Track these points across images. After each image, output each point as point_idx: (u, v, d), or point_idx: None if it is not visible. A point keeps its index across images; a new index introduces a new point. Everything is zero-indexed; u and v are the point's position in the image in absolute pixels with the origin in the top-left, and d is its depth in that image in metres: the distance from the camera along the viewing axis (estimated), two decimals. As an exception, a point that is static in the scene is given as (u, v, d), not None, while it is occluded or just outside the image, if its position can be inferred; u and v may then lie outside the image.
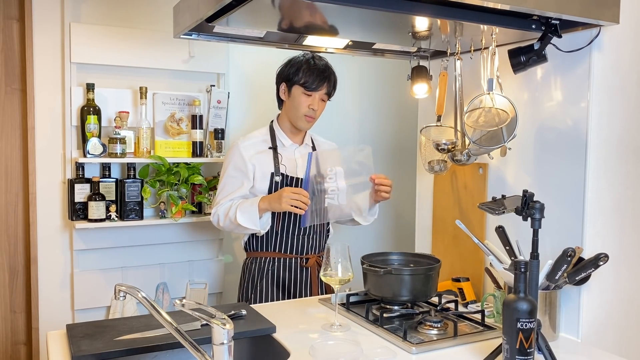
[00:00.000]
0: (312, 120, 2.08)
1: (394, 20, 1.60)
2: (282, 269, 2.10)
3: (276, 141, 2.13)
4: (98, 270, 2.59)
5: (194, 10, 1.59)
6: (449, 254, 2.09)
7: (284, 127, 2.15)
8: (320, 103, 2.07)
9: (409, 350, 1.45)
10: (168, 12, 2.07)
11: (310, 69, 2.03)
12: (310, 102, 2.04)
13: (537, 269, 1.39)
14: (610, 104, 1.61)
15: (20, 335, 2.56)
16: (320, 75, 2.03)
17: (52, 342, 1.46)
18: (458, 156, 1.86)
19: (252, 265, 2.14)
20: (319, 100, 2.05)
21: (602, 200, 1.62)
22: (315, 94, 2.04)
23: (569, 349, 1.53)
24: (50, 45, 2.48)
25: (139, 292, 1.20)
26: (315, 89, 2.03)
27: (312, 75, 2.02)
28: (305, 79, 2.02)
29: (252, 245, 2.14)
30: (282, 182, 2.06)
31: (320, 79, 2.03)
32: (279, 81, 2.13)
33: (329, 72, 2.07)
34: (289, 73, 2.07)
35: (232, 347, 1.14)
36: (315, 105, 2.05)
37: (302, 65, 2.04)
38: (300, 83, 2.03)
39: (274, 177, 2.06)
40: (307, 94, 2.04)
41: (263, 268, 2.11)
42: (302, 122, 2.08)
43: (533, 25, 1.56)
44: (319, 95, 2.05)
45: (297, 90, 2.05)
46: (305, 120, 2.07)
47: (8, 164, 2.52)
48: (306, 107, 2.04)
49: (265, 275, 2.10)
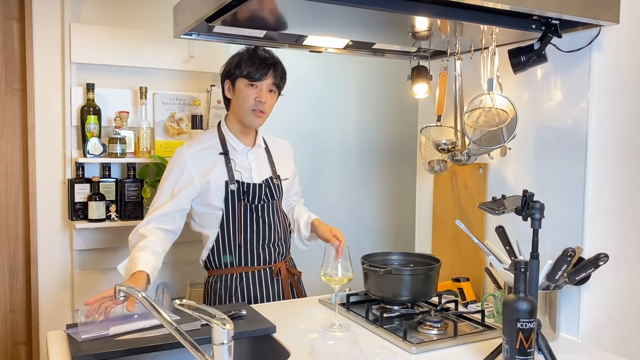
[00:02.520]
0: (261, 115, 1.89)
1: (394, 20, 1.60)
2: (252, 283, 1.95)
3: (227, 146, 1.95)
4: (98, 270, 2.59)
5: (194, 10, 1.59)
6: (449, 254, 2.09)
7: (233, 129, 1.96)
8: (269, 95, 1.89)
9: (409, 350, 1.45)
10: (168, 12, 2.07)
11: (252, 59, 1.87)
12: (256, 94, 1.87)
13: (537, 269, 1.39)
14: (610, 104, 1.61)
15: (20, 335, 2.56)
16: (263, 64, 1.87)
17: (52, 342, 1.46)
18: (458, 156, 1.86)
19: (216, 284, 1.97)
20: (266, 92, 1.87)
21: (602, 200, 1.62)
22: (260, 84, 1.86)
23: (569, 349, 1.53)
24: (50, 45, 2.48)
25: (139, 292, 1.20)
26: (259, 79, 1.86)
27: (255, 65, 1.86)
28: (247, 70, 1.86)
29: (215, 263, 1.98)
30: (239, 190, 1.90)
31: (264, 67, 1.86)
32: (222, 80, 1.97)
33: (273, 61, 1.90)
34: (230, 68, 1.92)
35: (232, 347, 1.14)
36: (263, 97, 1.86)
37: (243, 57, 1.89)
38: (244, 75, 1.87)
39: (228, 185, 1.90)
40: (251, 84, 1.86)
41: (230, 286, 1.95)
42: (250, 118, 1.89)
43: (533, 25, 1.56)
44: (266, 85, 1.87)
45: (241, 83, 1.88)
46: (254, 115, 1.88)
47: (8, 164, 2.52)
48: (253, 99, 1.87)
49: (233, 293, 1.94)
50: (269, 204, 1.97)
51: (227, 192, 1.90)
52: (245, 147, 1.98)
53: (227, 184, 1.90)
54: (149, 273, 1.69)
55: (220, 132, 1.99)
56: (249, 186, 1.93)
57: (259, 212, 1.94)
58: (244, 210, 1.93)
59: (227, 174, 1.91)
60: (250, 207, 1.93)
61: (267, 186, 1.96)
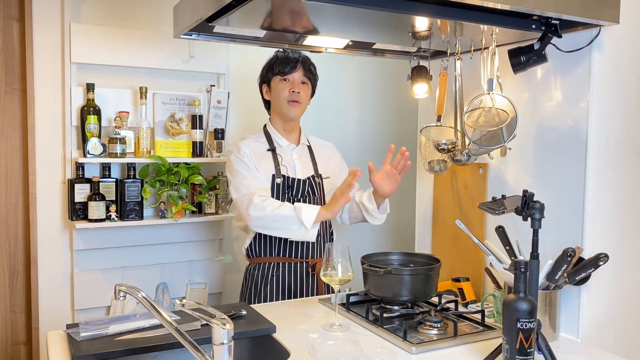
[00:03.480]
0: (297, 104, 2.05)
1: (394, 20, 1.60)
2: (288, 274, 2.06)
3: (273, 142, 2.10)
4: (98, 270, 2.59)
5: (194, 10, 1.59)
6: (449, 254, 2.09)
7: (277, 128, 2.12)
8: (302, 86, 2.06)
9: (409, 350, 1.45)
10: (168, 12, 2.07)
11: (280, 58, 2.06)
12: (289, 86, 2.04)
13: (537, 269, 1.39)
14: (610, 104, 1.61)
15: (20, 335, 2.56)
16: (292, 59, 2.05)
17: (52, 342, 1.46)
18: (458, 156, 1.86)
19: (254, 271, 2.09)
20: (298, 83, 2.05)
21: (602, 200, 1.62)
22: (291, 76, 2.05)
23: (569, 349, 1.53)
24: (50, 45, 2.48)
25: (139, 292, 1.20)
26: (290, 72, 2.04)
27: (284, 61, 2.04)
28: (278, 68, 2.05)
29: (255, 251, 2.09)
30: (283, 184, 2.03)
31: (293, 61, 2.04)
32: (260, 86, 2.16)
33: (301, 56, 2.08)
34: (265, 73, 2.12)
35: (232, 347, 1.15)
36: (296, 87, 2.04)
37: (273, 59, 2.09)
38: (276, 73, 2.05)
39: (275, 179, 2.03)
40: (284, 79, 2.05)
41: (267, 274, 2.06)
42: (287, 109, 2.05)
43: (533, 25, 1.56)
44: (297, 77, 2.05)
45: (275, 81, 2.07)
46: (290, 106, 2.05)
47: (8, 164, 2.52)
48: (287, 91, 2.04)
49: (269, 281, 2.05)
50: (311, 199, 2.07)
51: (273, 185, 2.03)
52: (290, 145, 2.13)
53: (274, 178, 2.03)
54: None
55: (266, 132, 2.14)
56: (294, 181, 2.05)
57: None
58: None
59: (275, 168, 2.04)
60: (293, 201, 2.03)
61: (309, 183, 2.08)
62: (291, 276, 2.06)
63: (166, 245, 2.74)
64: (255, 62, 2.92)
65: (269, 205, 1.91)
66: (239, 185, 2.01)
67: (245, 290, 2.13)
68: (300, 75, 2.06)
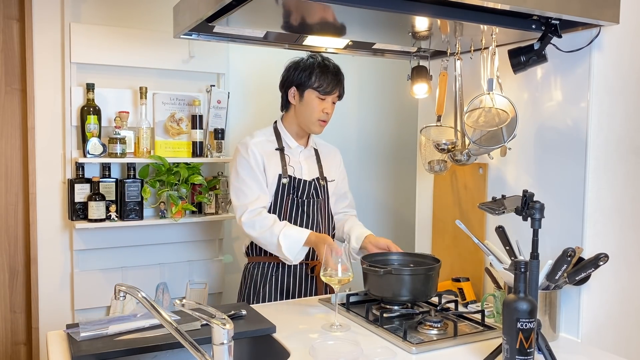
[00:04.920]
0: (324, 124, 2.05)
1: (394, 20, 1.60)
2: (287, 275, 2.05)
3: (282, 142, 2.09)
4: (98, 270, 2.59)
5: (194, 10, 1.59)
6: (449, 254, 2.09)
7: (290, 130, 2.09)
8: (332, 106, 2.04)
9: (409, 350, 1.45)
10: (168, 12, 2.07)
11: (324, 73, 1.99)
12: (324, 106, 2.01)
13: (537, 269, 1.39)
14: (610, 104, 1.61)
15: (20, 335, 2.56)
16: (335, 78, 2.00)
17: (52, 342, 1.46)
18: (458, 156, 1.86)
19: (254, 270, 2.09)
20: (331, 104, 2.03)
21: (602, 200, 1.62)
22: (329, 97, 2.01)
23: (569, 349, 1.53)
24: (50, 45, 2.48)
25: (139, 292, 1.20)
26: (330, 93, 2.00)
27: (327, 79, 1.99)
28: (319, 83, 1.98)
29: (255, 250, 2.09)
30: (290, 185, 2.02)
31: (335, 82, 2.00)
32: (288, 85, 2.05)
33: (341, 75, 2.05)
34: (301, 77, 2.01)
35: (232, 347, 1.14)
36: (329, 109, 2.02)
37: (315, 69, 1.99)
38: (314, 87, 1.98)
39: (281, 179, 2.02)
40: (321, 97, 2.00)
41: (266, 274, 2.06)
42: (315, 127, 2.04)
43: (533, 25, 1.56)
44: (332, 98, 2.02)
45: (310, 95, 2.00)
46: (319, 125, 2.03)
47: (8, 164, 2.52)
48: (320, 111, 2.00)
49: (268, 280, 2.05)
50: (315, 201, 2.07)
51: (279, 185, 2.02)
52: (299, 146, 2.11)
53: (280, 177, 2.02)
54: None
55: (276, 130, 2.11)
56: (300, 182, 2.05)
57: (304, 207, 2.04)
58: (291, 204, 2.03)
59: (282, 168, 2.03)
60: (297, 202, 2.04)
61: (314, 185, 2.07)
62: (290, 277, 2.05)
63: (166, 245, 2.74)
64: (255, 62, 2.94)
65: (259, 225, 1.94)
66: (237, 191, 2.01)
67: (244, 288, 2.13)
68: (335, 97, 2.04)
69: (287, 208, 2.02)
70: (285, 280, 2.05)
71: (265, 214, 1.98)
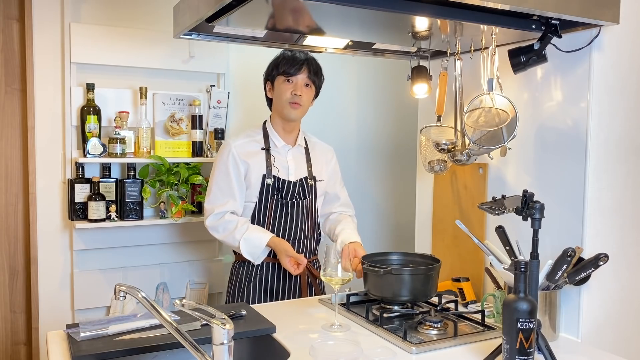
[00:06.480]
0: (297, 106, 2.03)
1: (394, 20, 1.60)
2: (271, 274, 2.06)
3: (269, 142, 2.09)
4: (98, 270, 2.59)
5: (194, 10, 1.59)
6: (449, 254, 2.09)
7: (276, 127, 2.11)
8: (305, 89, 2.04)
9: (409, 350, 1.45)
10: (168, 12, 2.07)
11: (287, 58, 2.03)
12: (292, 87, 2.02)
13: (537, 269, 1.39)
14: (610, 104, 1.61)
15: (20, 335, 2.56)
16: (298, 60, 2.02)
17: (52, 342, 1.46)
18: (458, 156, 1.86)
19: (240, 269, 2.10)
20: (302, 86, 2.03)
21: (602, 200, 1.62)
22: (295, 78, 2.02)
23: (569, 349, 1.53)
24: (50, 45, 2.48)
25: (139, 292, 1.20)
26: (294, 73, 2.02)
27: (290, 62, 2.02)
28: (284, 68, 2.02)
29: None
30: (274, 185, 2.03)
31: (298, 63, 2.02)
32: (264, 83, 2.14)
33: (308, 57, 2.06)
34: (270, 70, 2.09)
35: (232, 347, 1.14)
36: (298, 90, 2.02)
37: (279, 58, 2.06)
38: (281, 72, 2.03)
39: (265, 179, 2.03)
40: (287, 79, 2.02)
41: (251, 272, 2.07)
42: (287, 110, 2.03)
43: (533, 25, 1.56)
44: (301, 79, 2.03)
45: (278, 81, 2.05)
46: (291, 107, 2.03)
47: (8, 164, 2.52)
48: (289, 93, 2.02)
49: (252, 279, 2.06)
50: (300, 202, 2.07)
51: (263, 185, 2.03)
52: (286, 145, 2.11)
53: (264, 178, 2.03)
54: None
55: (264, 129, 2.13)
56: (284, 182, 2.05)
57: (289, 209, 2.04)
58: (275, 205, 2.03)
59: (266, 169, 2.03)
60: (281, 203, 2.04)
61: (300, 185, 2.07)
62: (274, 276, 2.06)
63: (166, 245, 2.74)
64: (255, 62, 2.92)
65: (222, 228, 2.01)
66: (209, 192, 2.07)
67: (230, 287, 2.15)
68: (304, 78, 2.03)
69: (271, 209, 2.04)
70: (269, 279, 2.07)
71: (229, 217, 2.01)
